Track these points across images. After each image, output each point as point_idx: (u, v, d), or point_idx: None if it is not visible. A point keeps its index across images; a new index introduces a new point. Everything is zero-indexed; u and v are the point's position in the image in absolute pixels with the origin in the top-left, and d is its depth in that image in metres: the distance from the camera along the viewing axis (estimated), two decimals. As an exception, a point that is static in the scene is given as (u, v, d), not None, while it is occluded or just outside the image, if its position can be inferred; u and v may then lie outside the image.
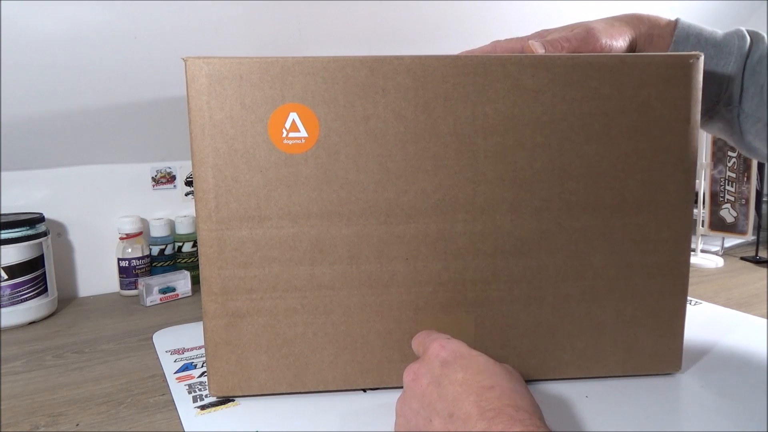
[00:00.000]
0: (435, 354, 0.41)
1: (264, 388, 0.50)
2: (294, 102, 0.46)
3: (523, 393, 0.38)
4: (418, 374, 0.40)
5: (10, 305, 0.74)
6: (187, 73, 0.45)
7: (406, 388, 0.41)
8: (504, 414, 0.35)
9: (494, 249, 0.50)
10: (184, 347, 0.64)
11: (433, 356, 0.41)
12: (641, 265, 0.51)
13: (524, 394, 0.38)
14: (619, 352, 0.52)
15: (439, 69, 0.47)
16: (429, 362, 0.41)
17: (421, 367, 0.41)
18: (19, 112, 0.75)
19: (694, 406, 0.49)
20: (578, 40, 0.52)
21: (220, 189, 0.47)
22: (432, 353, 0.41)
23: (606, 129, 0.49)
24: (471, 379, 0.38)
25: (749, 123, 0.55)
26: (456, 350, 0.41)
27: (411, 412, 0.40)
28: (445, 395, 0.37)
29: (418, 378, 0.40)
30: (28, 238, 0.75)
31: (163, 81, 0.79)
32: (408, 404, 0.40)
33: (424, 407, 0.38)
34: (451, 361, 0.40)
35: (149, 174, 0.92)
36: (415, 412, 0.39)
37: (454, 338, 0.43)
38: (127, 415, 0.50)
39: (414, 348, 0.47)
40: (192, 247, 0.93)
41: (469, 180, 0.48)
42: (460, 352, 0.41)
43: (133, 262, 0.86)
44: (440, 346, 0.41)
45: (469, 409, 0.36)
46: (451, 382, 0.38)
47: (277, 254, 0.48)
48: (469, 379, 0.38)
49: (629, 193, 0.50)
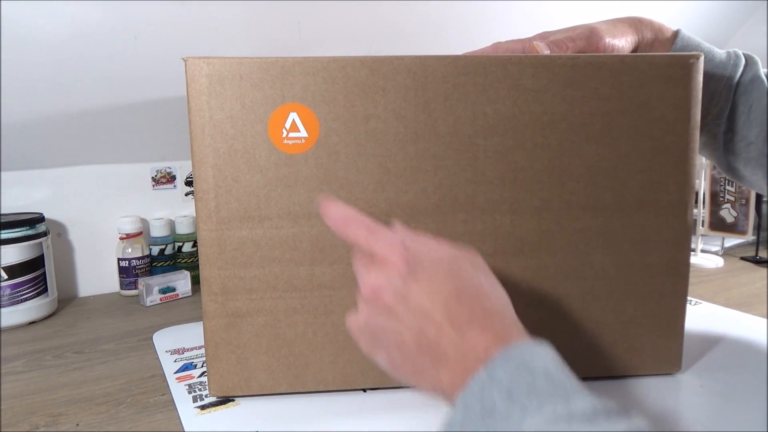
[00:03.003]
0: (394, 266, 0.37)
1: (264, 388, 0.50)
2: (294, 102, 0.46)
3: (493, 290, 0.37)
4: (379, 289, 0.37)
5: (10, 305, 0.74)
6: (187, 73, 0.45)
7: (366, 299, 0.38)
8: (475, 319, 0.35)
9: (494, 249, 0.50)
10: (184, 347, 0.64)
11: (392, 268, 0.37)
12: (641, 265, 0.51)
13: (494, 292, 0.37)
14: (619, 352, 0.52)
15: (439, 69, 0.47)
16: (389, 273, 0.37)
17: (380, 282, 0.37)
18: (19, 112, 0.75)
19: (694, 406, 0.49)
20: (582, 40, 0.52)
21: (220, 189, 0.47)
22: (391, 262, 0.37)
23: (606, 129, 0.49)
24: (437, 287, 0.36)
25: (734, 141, 0.56)
26: (415, 257, 0.37)
27: (378, 327, 0.38)
28: (412, 308, 0.36)
29: (380, 294, 0.37)
30: (28, 238, 0.75)
31: (163, 81, 0.79)
32: (373, 319, 0.38)
33: (392, 322, 0.37)
34: (413, 272, 0.37)
35: (149, 174, 0.92)
36: (382, 327, 0.37)
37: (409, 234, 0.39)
38: (127, 415, 0.50)
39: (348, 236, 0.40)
40: (192, 247, 0.93)
41: (469, 180, 0.48)
42: (420, 257, 0.37)
43: (133, 262, 0.86)
44: (398, 256, 0.37)
45: (439, 318, 0.35)
46: (417, 294, 0.36)
47: (277, 254, 0.48)
48: (435, 288, 0.36)
49: (629, 193, 0.50)
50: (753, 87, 0.54)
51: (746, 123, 0.54)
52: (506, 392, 0.31)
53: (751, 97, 0.54)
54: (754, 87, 0.54)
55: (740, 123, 0.55)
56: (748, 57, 0.55)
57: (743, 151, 0.56)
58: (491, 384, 0.31)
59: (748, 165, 0.56)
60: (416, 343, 0.36)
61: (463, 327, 0.35)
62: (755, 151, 0.55)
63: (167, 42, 0.75)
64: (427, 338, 0.35)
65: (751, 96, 0.54)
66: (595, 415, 0.28)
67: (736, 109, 0.55)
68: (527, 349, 0.33)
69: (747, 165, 0.56)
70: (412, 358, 0.36)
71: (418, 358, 0.36)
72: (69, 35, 0.70)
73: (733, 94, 0.55)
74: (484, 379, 0.32)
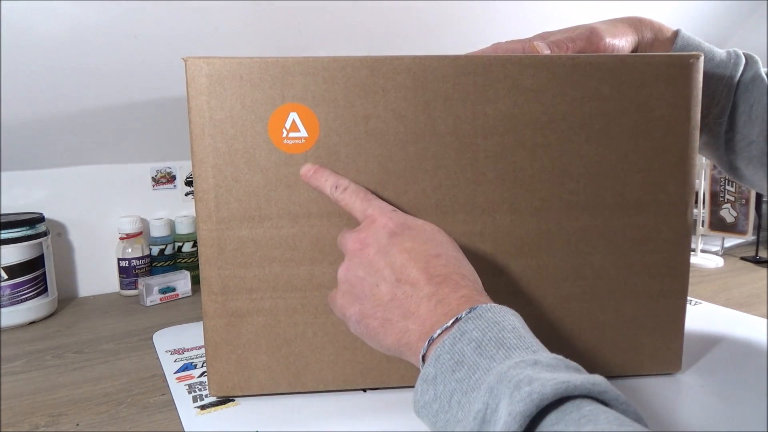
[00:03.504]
0: (383, 225, 0.41)
1: (264, 388, 0.50)
2: (294, 102, 0.46)
3: (466, 264, 0.40)
4: (365, 243, 0.41)
5: (10, 305, 0.74)
6: (188, 73, 0.46)
7: (350, 255, 0.41)
8: (450, 280, 0.37)
9: (494, 249, 0.50)
10: (184, 347, 0.64)
11: (380, 226, 0.41)
12: (641, 265, 0.51)
13: (467, 265, 0.40)
14: (619, 352, 0.52)
15: (439, 69, 0.47)
16: (375, 232, 0.41)
17: (367, 237, 0.41)
18: (19, 112, 0.75)
19: (694, 406, 0.49)
20: (582, 40, 0.52)
21: (220, 189, 0.47)
22: (379, 224, 0.41)
23: (606, 129, 0.49)
24: (419, 248, 0.39)
25: (735, 140, 0.56)
26: (403, 222, 0.41)
27: (356, 278, 0.40)
28: (392, 262, 0.39)
29: (365, 247, 0.40)
30: (28, 238, 0.75)
31: (163, 81, 0.79)
32: (353, 272, 0.41)
33: (371, 274, 0.39)
34: (399, 232, 0.40)
35: (149, 174, 0.92)
36: (361, 279, 0.40)
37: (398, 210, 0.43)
38: (127, 415, 0.50)
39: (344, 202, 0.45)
40: (192, 247, 0.93)
41: (469, 180, 0.48)
42: (407, 223, 0.41)
43: (133, 262, 0.87)
44: (388, 218, 0.41)
45: (416, 275, 0.37)
46: (399, 251, 0.39)
47: (277, 254, 0.48)
48: (417, 248, 0.39)
49: (629, 193, 0.50)
50: (754, 86, 0.54)
51: (747, 122, 0.55)
52: (476, 344, 0.33)
53: (752, 96, 0.54)
54: (754, 86, 0.54)
55: (741, 122, 0.55)
56: (748, 56, 0.56)
57: (744, 150, 0.56)
58: (462, 337, 0.33)
59: (749, 164, 0.56)
60: (391, 294, 0.38)
61: (438, 282, 0.37)
62: (756, 150, 0.55)
63: (167, 42, 0.75)
64: (402, 290, 0.38)
65: (751, 95, 0.54)
66: (557, 366, 0.30)
67: (737, 108, 0.55)
68: (497, 309, 0.35)
69: (749, 164, 0.56)
70: (383, 309, 0.38)
71: (389, 308, 0.38)
72: (69, 35, 0.70)
73: (734, 93, 0.55)
74: (454, 333, 0.34)
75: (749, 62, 0.55)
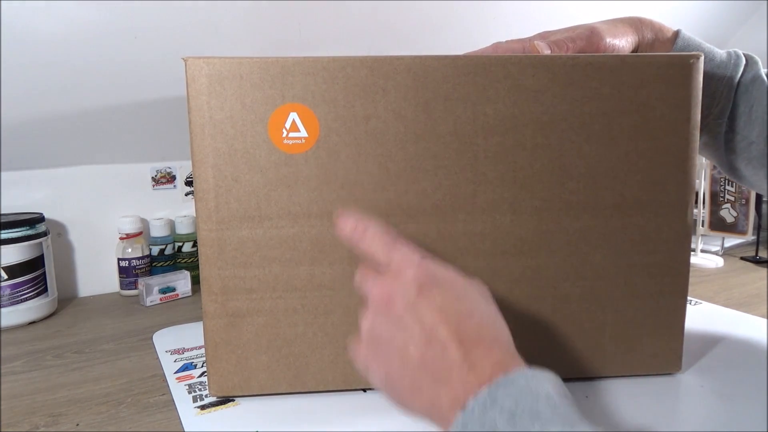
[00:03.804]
0: (411, 277, 0.38)
1: (264, 388, 0.50)
2: (294, 102, 0.46)
3: (500, 320, 0.38)
4: (392, 296, 0.38)
5: (10, 305, 0.74)
6: (188, 73, 0.46)
7: (375, 307, 0.38)
8: (483, 343, 0.35)
9: (494, 249, 0.50)
10: (184, 347, 0.64)
11: (409, 279, 0.38)
12: (641, 265, 0.51)
13: (500, 322, 0.38)
14: (619, 352, 0.52)
15: (440, 69, 0.47)
16: (403, 284, 0.38)
17: (394, 289, 0.38)
18: (19, 112, 0.75)
19: (694, 406, 0.49)
20: (582, 40, 0.52)
21: (220, 189, 0.47)
22: (408, 276, 0.38)
23: (606, 129, 0.49)
24: (450, 305, 0.37)
25: (735, 141, 0.56)
26: (433, 274, 0.38)
27: (382, 336, 0.38)
28: (422, 321, 0.36)
29: (392, 301, 0.37)
30: (28, 238, 0.75)
31: (163, 81, 0.79)
32: (378, 327, 0.38)
33: (399, 333, 0.37)
34: (429, 286, 0.37)
35: (149, 174, 0.92)
36: (387, 337, 0.37)
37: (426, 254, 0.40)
38: (127, 415, 0.50)
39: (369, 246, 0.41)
40: (192, 247, 0.93)
41: (469, 180, 0.48)
42: (437, 275, 0.38)
43: (133, 262, 0.86)
44: (416, 269, 0.38)
45: (447, 336, 0.35)
46: (428, 308, 0.36)
47: (277, 254, 0.48)
48: (448, 306, 0.36)
49: (629, 193, 0.50)
50: (754, 87, 0.54)
51: (747, 123, 0.55)
52: (508, 415, 0.30)
53: (752, 97, 0.54)
54: (754, 87, 0.54)
55: (741, 123, 0.55)
56: (748, 57, 0.56)
57: (744, 151, 0.56)
58: (493, 406, 0.31)
59: (749, 165, 0.56)
60: (420, 357, 0.35)
61: (470, 347, 0.34)
62: (756, 151, 0.55)
63: (167, 42, 0.75)
64: (432, 353, 0.35)
65: (752, 96, 0.54)
66: None
67: (737, 108, 0.55)
68: (531, 374, 0.33)
69: (748, 165, 0.56)
70: (412, 373, 0.36)
71: (419, 373, 0.36)
72: (69, 35, 0.70)
73: (734, 94, 0.55)
74: (486, 401, 0.31)
75: (749, 63, 0.55)
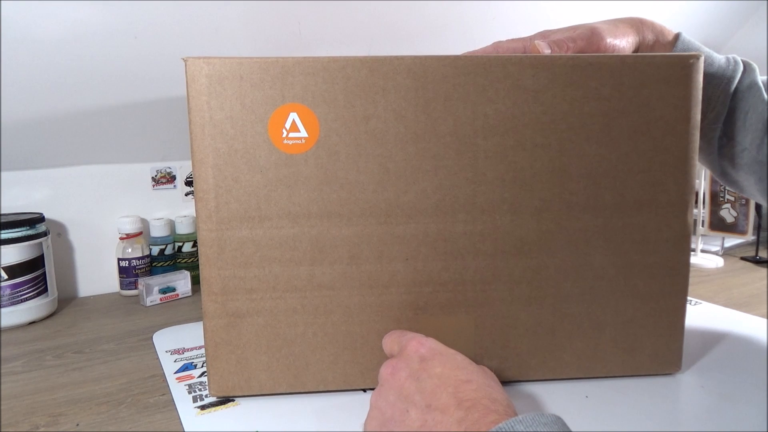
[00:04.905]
0: (414, 350, 0.42)
1: (264, 388, 0.50)
2: (294, 102, 0.46)
3: (498, 388, 0.39)
4: (397, 368, 0.41)
5: (10, 305, 0.74)
6: (187, 73, 0.46)
7: (383, 381, 0.42)
8: (480, 405, 0.36)
9: (494, 249, 0.50)
10: (184, 347, 0.64)
11: (412, 352, 0.42)
12: (641, 265, 0.51)
13: (499, 389, 0.39)
14: (619, 352, 0.52)
15: (440, 69, 0.47)
16: (407, 358, 0.42)
17: (399, 362, 0.42)
18: (19, 112, 0.75)
19: (694, 406, 0.49)
20: (583, 40, 0.52)
21: (220, 189, 0.47)
22: (411, 350, 0.42)
23: (606, 129, 0.49)
24: (449, 373, 0.39)
25: (728, 146, 0.56)
26: (434, 348, 0.42)
27: (387, 404, 0.40)
28: (423, 388, 0.38)
29: (396, 372, 0.41)
30: (28, 238, 0.75)
31: (163, 81, 0.79)
32: (384, 397, 0.41)
33: (401, 399, 0.39)
34: (430, 357, 0.41)
35: (149, 174, 0.92)
36: (392, 404, 0.40)
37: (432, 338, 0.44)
38: (127, 415, 0.50)
39: (386, 347, 0.47)
40: (192, 247, 0.93)
41: (469, 180, 0.48)
42: (438, 349, 0.42)
43: (133, 262, 0.87)
44: (419, 343, 0.42)
45: (446, 400, 0.37)
46: (429, 376, 0.39)
47: (277, 254, 0.48)
48: (447, 374, 0.39)
49: (629, 193, 0.50)
50: (750, 94, 0.54)
51: (741, 129, 0.55)
52: None
53: (747, 104, 0.54)
54: (750, 94, 0.54)
55: (735, 129, 0.55)
56: (746, 63, 0.56)
57: (737, 157, 0.56)
58: None
59: (740, 170, 0.57)
60: (420, 420, 0.37)
61: (469, 408, 0.36)
62: (748, 158, 0.55)
63: (167, 42, 0.75)
64: (432, 416, 0.37)
65: (747, 102, 0.54)
66: None
67: (733, 114, 0.55)
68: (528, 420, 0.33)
69: (739, 170, 0.57)
70: None
71: None
72: (69, 35, 0.70)
73: (730, 99, 0.55)
74: None
75: (747, 70, 0.55)
